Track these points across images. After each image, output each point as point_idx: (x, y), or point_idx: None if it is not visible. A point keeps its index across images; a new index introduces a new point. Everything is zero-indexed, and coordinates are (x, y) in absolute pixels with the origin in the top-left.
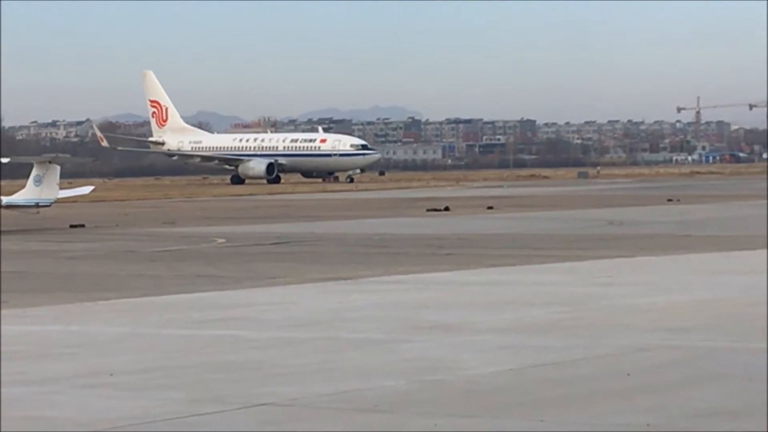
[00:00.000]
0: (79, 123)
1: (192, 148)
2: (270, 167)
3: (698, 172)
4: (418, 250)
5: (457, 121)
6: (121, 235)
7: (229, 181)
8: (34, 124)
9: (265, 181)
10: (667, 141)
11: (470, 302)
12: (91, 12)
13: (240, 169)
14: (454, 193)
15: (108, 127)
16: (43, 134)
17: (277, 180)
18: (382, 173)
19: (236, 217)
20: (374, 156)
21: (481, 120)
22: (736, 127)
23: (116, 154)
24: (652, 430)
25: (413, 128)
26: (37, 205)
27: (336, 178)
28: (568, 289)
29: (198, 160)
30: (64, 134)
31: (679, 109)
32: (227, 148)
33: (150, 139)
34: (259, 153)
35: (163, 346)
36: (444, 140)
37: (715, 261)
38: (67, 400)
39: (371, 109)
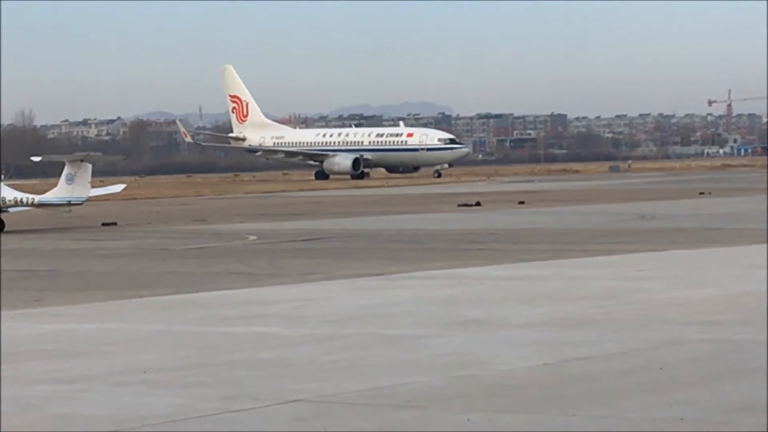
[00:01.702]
0: (111, 121)
1: (274, 143)
2: (356, 162)
3: (730, 165)
4: (450, 246)
5: (488, 116)
6: (153, 233)
7: (313, 176)
8: (66, 122)
9: (349, 176)
10: (698, 134)
11: (503, 297)
12: (120, 9)
13: (325, 164)
14: (485, 188)
15: (139, 125)
16: (75, 133)
17: (361, 176)
18: (415, 168)
19: (268, 213)
20: (463, 150)
21: (511, 115)
22: None
23: (147, 152)
24: (686, 426)
25: (444, 123)
26: (69, 204)
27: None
28: (600, 283)
29: (282, 155)
30: (95, 133)
31: (710, 102)
32: (311, 143)
33: (230, 135)
34: (343, 148)
35: (196, 344)
36: (474, 135)
37: (748, 254)
38: (101, 398)
39: (402, 104)
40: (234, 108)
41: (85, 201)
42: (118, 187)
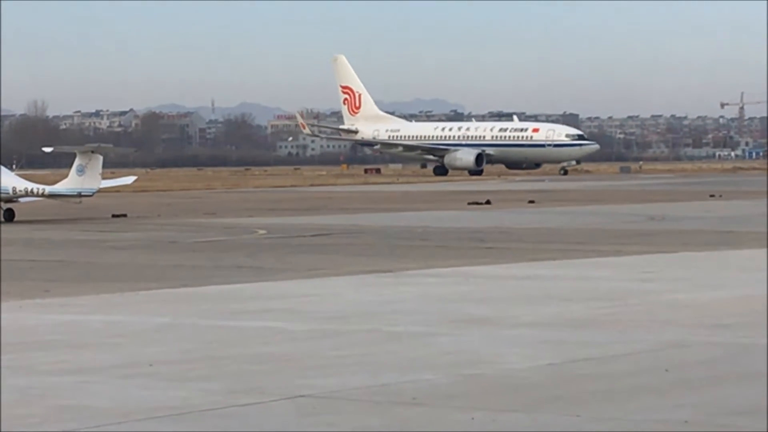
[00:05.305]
0: (123, 113)
1: (389, 136)
2: (479, 158)
3: (741, 168)
4: (459, 244)
5: (500, 115)
6: (162, 226)
7: (431, 172)
8: (78, 113)
9: (467, 172)
10: (710, 136)
11: (510, 296)
12: (131, 7)
13: (446, 159)
14: (495, 186)
15: (151, 118)
16: (87, 124)
17: (480, 172)
18: (423, 166)
19: (278, 208)
20: (592, 147)
21: (523, 113)
22: None
23: (159, 145)
24: (690, 429)
25: (456, 121)
26: (79, 195)
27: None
28: (608, 284)
29: (400, 149)
30: (107, 124)
31: (722, 105)
32: (430, 137)
33: (341, 126)
34: (464, 143)
35: (203, 337)
36: None
37: (758, 257)
38: (106, 390)
39: (413, 101)
40: (345, 99)
41: (95, 192)
42: (128, 179)
